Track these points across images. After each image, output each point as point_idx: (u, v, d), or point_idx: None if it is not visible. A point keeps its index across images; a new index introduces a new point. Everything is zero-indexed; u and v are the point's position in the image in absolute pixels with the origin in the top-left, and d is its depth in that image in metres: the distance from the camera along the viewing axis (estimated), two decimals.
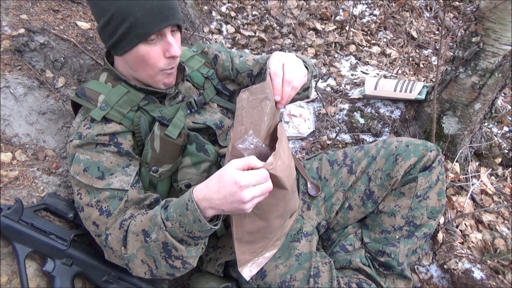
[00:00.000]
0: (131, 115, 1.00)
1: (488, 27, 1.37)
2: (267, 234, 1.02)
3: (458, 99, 1.56)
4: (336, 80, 2.15)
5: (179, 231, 0.81)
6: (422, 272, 1.41)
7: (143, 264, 0.88)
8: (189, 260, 0.86)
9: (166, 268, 0.87)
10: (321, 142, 1.82)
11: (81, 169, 0.93)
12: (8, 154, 1.14)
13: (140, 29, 0.90)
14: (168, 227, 0.81)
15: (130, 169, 0.96)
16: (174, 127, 1.00)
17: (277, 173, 0.82)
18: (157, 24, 0.90)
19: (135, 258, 0.87)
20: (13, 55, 1.27)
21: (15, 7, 1.40)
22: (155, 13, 0.89)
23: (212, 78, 1.19)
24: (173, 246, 0.83)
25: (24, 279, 0.92)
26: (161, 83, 1.01)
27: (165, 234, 0.81)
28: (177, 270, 0.88)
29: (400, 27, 2.74)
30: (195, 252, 0.87)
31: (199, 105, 1.11)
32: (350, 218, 1.29)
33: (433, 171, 1.18)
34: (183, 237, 0.82)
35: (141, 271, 0.89)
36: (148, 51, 0.93)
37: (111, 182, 0.92)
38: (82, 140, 0.95)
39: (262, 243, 1.03)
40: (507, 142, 1.90)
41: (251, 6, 2.70)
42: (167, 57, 0.96)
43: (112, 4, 0.89)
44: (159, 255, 0.85)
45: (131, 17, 0.88)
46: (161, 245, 0.83)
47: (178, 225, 0.81)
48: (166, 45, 0.94)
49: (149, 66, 0.96)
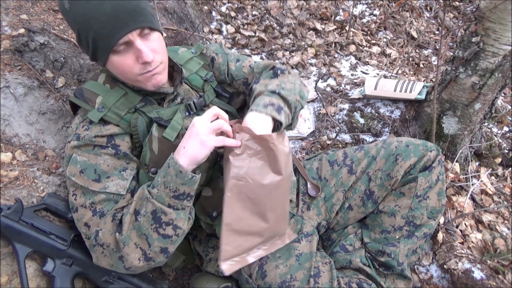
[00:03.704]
0: (128, 117, 1.00)
1: (488, 27, 1.37)
2: (256, 229, 1.00)
3: (458, 99, 1.56)
4: (336, 80, 2.15)
5: (165, 193, 0.87)
6: (422, 272, 1.41)
7: (136, 248, 0.88)
8: (179, 223, 0.89)
9: (159, 241, 0.89)
10: (321, 142, 1.82)
11: (77, 171, 0.93)
12: (8, 154, 1.14)
13: (102, 42, 0.87)
14: (154, 194, 0.87)
15: (126, 173, 0.96)
16: (172, 129, 0.99)
17: (278, 149, 0.91)
18: (116, 34, 0.85)
19: (129, 241, 0.88)
20: (13, 55, 1.27)
21: (15, 7, 1.40)
22: (112, 22, 0.85)
23: (211, 80, 1.18)
24: (162, 211, 0.86)
25: (24, 279, 0.92)
26: (149, 85, 0.98)
27: (152, 202, 0.86)
28: (170, 239, 0.90)
29: (400, 27, 2.74)
30: (183, 214, 0.90)
31: (199, 107, 1.11)
32: (350, 218, 1.29)
33: (433, 171, 1.18)
34: (169, 200, 0.87)
35: (135, 257, 0.89)
36: (121, 60, 0.91)
37: (107, 185, 0.92)
38: (80, 141, 0.94)
39: (250, 240, 1.01)
40: (507, 142, 1.90)
41: (251, 6, 2.70)
42: (141, 63, 0.92)
43: (75, 19, 0.88)
44: (150, 228, 0.87)
45: (91, 31, 0.86)
46: (150, 216, 0.87)
47: (163, 187, 0.87)
48: (137, 51, 0.90)
49: (126, 74, 0.95)
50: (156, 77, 0.97)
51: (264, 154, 0.94)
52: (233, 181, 0.92)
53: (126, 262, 0.90)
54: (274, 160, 0.94)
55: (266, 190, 0.96)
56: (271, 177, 0.95)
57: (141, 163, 0.99)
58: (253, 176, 0.93)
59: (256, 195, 0.95)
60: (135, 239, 0.88)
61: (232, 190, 0.92)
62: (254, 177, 0.93)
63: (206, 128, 0.89)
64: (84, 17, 0.85)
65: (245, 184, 0.93)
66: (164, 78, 1.01)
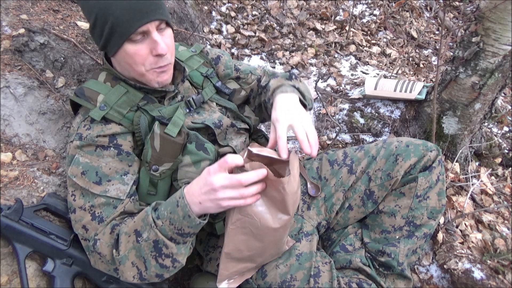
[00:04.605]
0: (130, 115, 1.00)
1: (488, 27, 1.37)
2: (256, 257, 1.01)
3: (458, 99, 1.56)
4: (336, 80, 2.15)
5: (169, 228, 0.84)
6: (422, 272, 1.41)
7: (133, 266, 0.88)
8: (179, 257, 0.88)
9: (156, 268, 0.88)
10: (321, 142, 1.82)
11: (79, 172, 0.93)
12: (8, 154, 1.14)
13: (121, 28, 0.88)
14: (158, 226, 0.84)
15: (127, 177, 0.96)
16: (173, 125, 1.00)
17: (287, 193, 0.84)
18: (137, 22, 0.88)
19: (126, 260, 0.87)
20: (13, 55, 1.27)
21: (15, 7, 1.40)
22: (134, 10, 0.87)
23: (212, 77, 1.19)
24: (164, 244, 0.85)
25: (24, 279, 0.92)
26: (154, 81, 1.00)
27: (155, 232, 0.84)
28: (167, 269, 0.89)
29: (400, 27, 2.74)
30: (184, 249, 0.89)
31: (198, 104, 1.11)
32: (350, 218, 1.29)
33: (433, 171, 1.18)
34: (172, 235, 0.85)
35: (130, 275, 0.89)
36: (135, 50, 0.92)
37: (108, 189, 0.92)
38: (83, 142, 0.94)
39: (248, 265, 1.01)
40: (507, 142, 1.90)
41: (251, 6, 2.70)
42: (154, 55, 0.94)
43: (94, 5, 0.89)
44: (150, 254, 0.86)
45: (111, 16, 0.87)
46: (152, 244, 0.85)
47: (168, 222, 0.84)
48: (153, 43, 0.92)
49: (137, 65, 0.95)
50: (163, 75, 0.99)
51: (274, 194, 0.88)
52: (238, 216, 0.90)
53: (121, 276, 0.91)
54: (282, 202, 0.88)
55: (271, 230, 0.93)
56: (279, 217, 0.91)
57: (142, 161, 0.99)
58: (259, 215, 0.89)
59: (259, 231, 0.92)
60: (133, 258, 0.88)
61: (236, 224, 0.91)
62: (261, 216, 0.89)
63: (223, 187, 0.82)
64: (106, 3, 0.87)
65: (251, 221, 0.90)
66: (169, 77, 1.03)
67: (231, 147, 1.14)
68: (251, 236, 0.93)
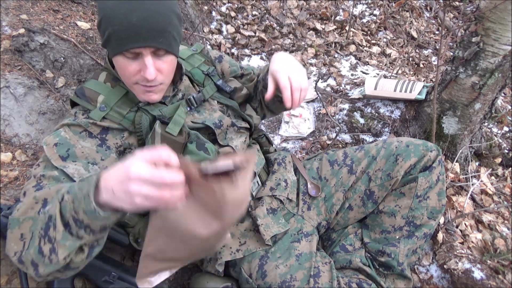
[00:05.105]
0: (130, 115, 1.00)
1: (488, 27, 1.37)
2: (185, 259, 0.86)
3: (458, 99, 1.56)
4: (336, 80, 2.15)
5: (69, 208, 0.69)
6: (422, 272, 1.41)
7: (21, 240, 0.76)
8: (58, 248, 0.70)
9: (34, 251, 0.73)
10: (321, 142, 1.82)
11: (53, 142, 0.90)
12: (8, 154, 1.14)
13: (115, 42, 0.88)
14: (63, 200, 0.70)
15: (93, 167, 0.91)
16: (174, 124, 1.00)
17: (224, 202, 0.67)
18: (130, 43, 0.86)
19: (16, 227, 0.76)
20: (13, 55, 1.27)
21: (15, 7, 1.40)
22: (131, 31, 0.85)
23: (213, 75, 1.19)
24: (54, 222, 0.70)
25: (24, 279, 0.92)
26: (139, 97, 0.99)
27: (56, 205, 0.71)
28: (42, 258, 0.72)
29: (400, 27, 2.74)
30: (69, 242, 0.71)
31: (198, 102, 1.11)
32: (350, 218, 1.29)
33: (433, 171, 1.18)
34: (69, 218, 0.69)
35: (13, 248, 0.76)
36: (125, 65, 0.91)
37: (68, 166, 0.87)
38: (74, 121, 0.94)
39: (173, 264, 0.86)
40: (507, 142, 1.90)
41: (251, 6, 2.70)
42: (142, 75, 0.92)
43: (102, 8, 0.89)
44: (38, 231, 0.73)
45: (110, 28, 0.87)
46: (46, 219, 0.72)
47: (71, 199, 0.69)
48: (143, 65, 0.90)
49: (125, 77, 0.95)
50: (150, 94, 0.98)
51: (208, 200, 0.69)
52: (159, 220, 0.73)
53: (6, 248, 0.77)
54: (217, 210, 0.70)
55: (199, 239, 0.75)
56: (211, 226, 0.73)
57: None
58: (186, 222, 0.71)
59: (186, 238, 0.75)
60: (25, 229, 0.75)
61: (157, 227, 0.75)
62: (188, 222, 0.71)
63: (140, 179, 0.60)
64: (111, 12, 0.86)
65: (176, 227, 0.72)
66: (158, 98, 1.01)
67: (231, 147, 1.14)
68: (177, 240, 0.77)
